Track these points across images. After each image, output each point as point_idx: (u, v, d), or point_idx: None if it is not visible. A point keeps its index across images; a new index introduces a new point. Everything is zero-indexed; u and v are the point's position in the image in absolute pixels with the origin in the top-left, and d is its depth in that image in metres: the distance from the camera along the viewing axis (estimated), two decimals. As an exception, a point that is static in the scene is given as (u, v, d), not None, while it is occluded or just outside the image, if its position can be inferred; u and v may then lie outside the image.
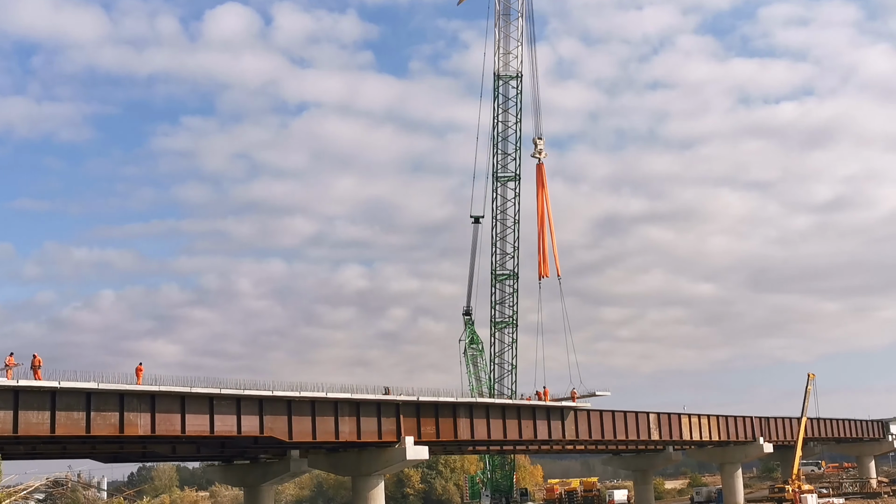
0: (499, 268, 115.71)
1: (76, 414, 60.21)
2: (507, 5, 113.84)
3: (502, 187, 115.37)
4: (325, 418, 74.89)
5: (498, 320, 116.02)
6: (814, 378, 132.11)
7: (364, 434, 77.57)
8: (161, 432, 64.55)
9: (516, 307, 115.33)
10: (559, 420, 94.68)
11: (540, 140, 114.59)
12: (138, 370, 64.82)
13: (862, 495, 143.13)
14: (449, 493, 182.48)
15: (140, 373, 64.76)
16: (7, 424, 56.99)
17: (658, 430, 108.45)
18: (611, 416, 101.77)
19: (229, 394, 67.71)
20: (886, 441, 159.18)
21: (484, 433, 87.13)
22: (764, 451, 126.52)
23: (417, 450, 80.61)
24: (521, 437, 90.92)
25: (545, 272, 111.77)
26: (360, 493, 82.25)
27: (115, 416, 62.12)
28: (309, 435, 73.84)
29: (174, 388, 64.78)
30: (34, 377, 59.39)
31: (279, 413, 71.73)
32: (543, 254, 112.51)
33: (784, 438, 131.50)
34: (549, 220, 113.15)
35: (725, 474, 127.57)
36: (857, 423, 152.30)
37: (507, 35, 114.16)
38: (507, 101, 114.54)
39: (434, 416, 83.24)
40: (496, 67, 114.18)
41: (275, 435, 71.35)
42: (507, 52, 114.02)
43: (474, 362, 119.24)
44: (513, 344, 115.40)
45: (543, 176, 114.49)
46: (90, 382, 60.38)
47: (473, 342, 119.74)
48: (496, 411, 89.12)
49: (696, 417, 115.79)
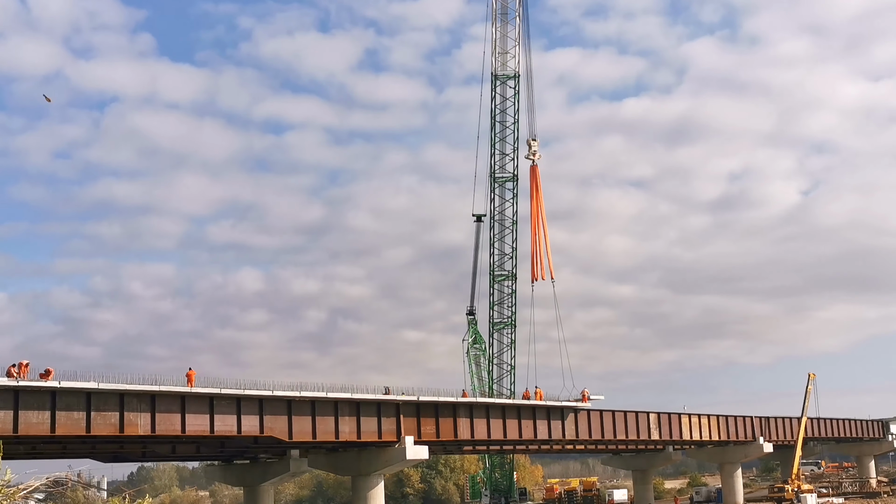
0: (497, 268, 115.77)
1: (76, 414, 60.31)
2: (504, 5, 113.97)
3: (500, 188, 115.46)
4: (324, 418, 74.99)
5: (497, 321, 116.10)
6: (814, 378, 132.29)
7: (364, 434, 77.66)
8: (161, 432, 64.64)
9: (515, 308, 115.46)
10: (559, 420, 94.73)
11: (534, 141, 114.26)
12: (190, 375, 66.05)
13: (861, 495, 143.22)
14: (449, 493, 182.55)
15: (192, 377, 65.94)
16: (7, 424, 57.07)
17: (658, 430, 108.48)
18: (610, 415, 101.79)
19: (229, 394, 67.80)
20: (886, 441, 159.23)
21: (484, 433, 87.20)
22: (764, 450, 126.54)
23: (417, 449, 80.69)
24: (521, 436, 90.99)
25: (540, 275, 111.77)
26: (359, 493, 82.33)
27: (115, 416, 62.22)
28: (309, 435, 73.93)
29: (174, 387, 64.90)
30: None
31: (279, 413, 71.83)
32: (539, 256, 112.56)
33: (784, 438, 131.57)
34: (543, 222, 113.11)
35: (725, 474, 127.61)
36: (856, 423, 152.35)
37: (504, 35, 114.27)
38: (504, 101, 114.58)
39: (434, 416, 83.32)
40: (493, 67, 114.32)
41: (275, 435, 71.44)
42: (505, 53, 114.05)
43: (477, 362, 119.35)
44: (511, 344, 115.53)
45: (538, 178, 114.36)
46: (90, 382, 60.49)
47: (476, 342, 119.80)
48: (496, 411, 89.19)
49: (696, 417, 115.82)
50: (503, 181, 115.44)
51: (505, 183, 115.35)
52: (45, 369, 60.01)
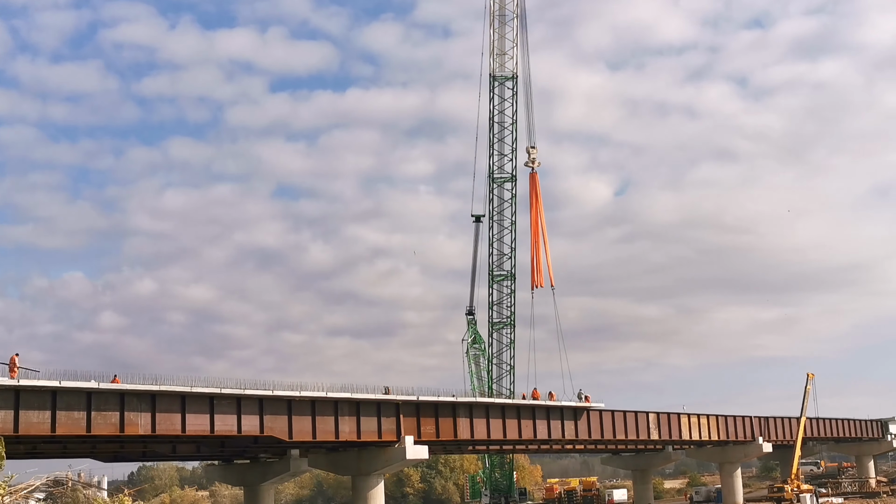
0: (496, 268, 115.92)
1: (77, 413, 60.39)
2: (502, 6, 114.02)
3: (499, 188, 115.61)
4: (325, 418, 75.10)
5: (496, 321, 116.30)
6: (813, 378, 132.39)
7: (364, 434, 77.78)
8: (161, 432, 64.74)
9: (514, 308, 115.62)
10: (559, 420, 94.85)
11: (533, 149, 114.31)
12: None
13: (861, 495, 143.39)
14: (448, 493, 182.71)
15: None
16: (8, 424, 57.14)
17: (657, 430, 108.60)
18: (610, 415, 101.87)
19: (229, 393, 67.92)
20: (885, 441, 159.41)
21: (484, 433, 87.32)
22: (763, 450, 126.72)
23: (417, 449, 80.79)
24: (521, 436, 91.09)
25: (539, 282, 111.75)
26: (359, 493, 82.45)
27: (116, 416, 62.31)
28: (309, 434, 74.05)
29: (174, 387, 64.95)
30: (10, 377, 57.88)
31: (279, 412, 71.94)
32: (538, 263, 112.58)
33: (783, 438, 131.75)
34: (543, 228, 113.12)
35: (724, 474, 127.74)
36: (856, 423, 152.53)
37: (502, 36, 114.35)
38: (502, 101, 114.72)
39: (434, 416, 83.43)
40: (491, 68, 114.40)
41: (275, 434, 71.57)
42: (503, 53, 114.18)
43: (476, 362, 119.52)
44: (511, 344, 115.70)
45: (537, 185, 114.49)
46: (91, 382, 60.58)
47: (476, 342, 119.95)
48: (496, 411, 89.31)
49: (696, 417, 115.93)
50: (501, 182, 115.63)
51: (503, 184, 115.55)
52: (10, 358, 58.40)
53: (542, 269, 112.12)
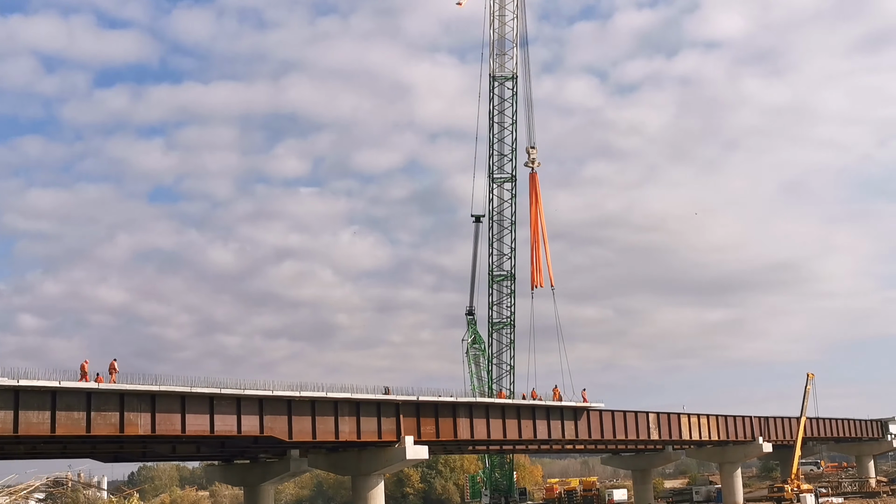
0: (496, 268, 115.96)
1: (76, 414, 60.34)
2: (502, 5, 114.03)
3: (499, 188, 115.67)
4: (324, 418, 75.08)
5: (496, 321, 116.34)
6: (813, 378, 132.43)
7: (364, 434, 77.76)
8: (161, 432, 64.70)
9: (514, 308, 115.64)
10: (559, 420, 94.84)
11: (533, 149, 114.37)
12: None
13: (861, 495, 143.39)
14: (448, 493, 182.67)
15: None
16: (7, 424, 57.12)
17: (657, 430, 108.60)
18: (610, 415, 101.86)
19: (229, 393, 67.89)
20: (885, 440, 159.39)
21: (484, 433, 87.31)
22: (763, 450, 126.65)
23: (417, 449, 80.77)
24: (521, 436, 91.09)
25: (539, 282, 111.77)
26: (359, 493, 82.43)
27: (116, 416, 62.25)
28: (309, 434, 74.04)
29: (174, 387, 64.90)
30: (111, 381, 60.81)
31: (279, 413, 71.92)
32: (538, 263, 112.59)
33: (783, 438, 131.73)
34: (543, 229, 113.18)
35: (725, 474, 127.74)
36: (856, 423, 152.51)
37: (501, 37, 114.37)
38: (502, 102, 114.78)
39: (434, 416, 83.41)
40: (491, 68, 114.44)
41: (275, 434, 71.55)
42: (503, 54, 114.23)
43: (476, 362, 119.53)
44: (511, 344, 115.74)
45: (537, 185, 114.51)
46: (90, 382, 60.55)
47: (476, 342, 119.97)
48: (496, 411, 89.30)
49: (696, 417, 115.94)
50: (501, 182, 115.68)
51: (503, 184, 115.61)
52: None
53: (542, 269, 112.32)
